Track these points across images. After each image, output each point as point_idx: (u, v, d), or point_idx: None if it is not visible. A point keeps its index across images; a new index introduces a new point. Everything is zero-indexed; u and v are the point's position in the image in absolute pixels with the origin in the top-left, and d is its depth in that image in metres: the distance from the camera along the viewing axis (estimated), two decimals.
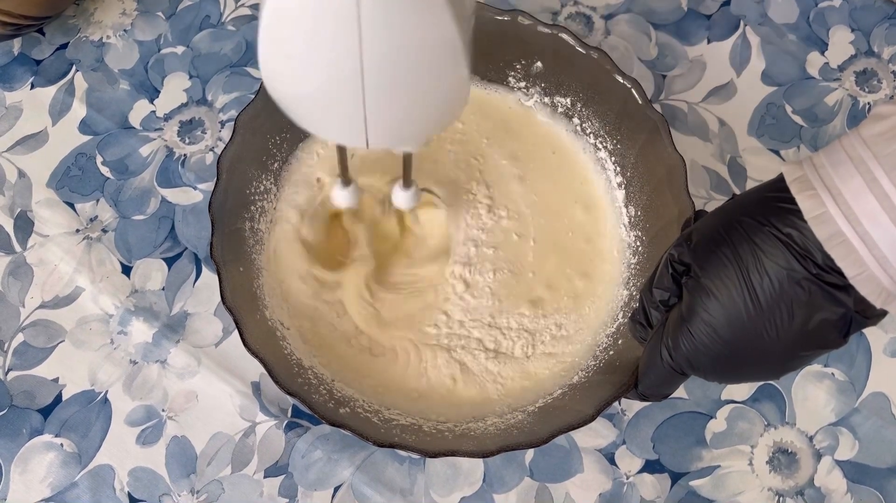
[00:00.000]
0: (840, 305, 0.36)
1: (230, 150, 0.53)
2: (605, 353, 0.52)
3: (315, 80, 0.34)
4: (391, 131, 0.38)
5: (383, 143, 0.38)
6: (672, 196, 0.52)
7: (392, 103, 0.35)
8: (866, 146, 0.34)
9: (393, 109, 0.36)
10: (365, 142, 0.37)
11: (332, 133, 0.39)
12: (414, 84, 0.34)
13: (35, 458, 0.52)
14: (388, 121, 0.36)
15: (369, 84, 0.33)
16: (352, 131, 0.37)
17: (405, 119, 0.37)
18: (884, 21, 0.65)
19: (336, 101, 0.35)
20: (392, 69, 0.33)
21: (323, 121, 0.38)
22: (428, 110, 0.37)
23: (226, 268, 0.50)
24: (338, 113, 0.36)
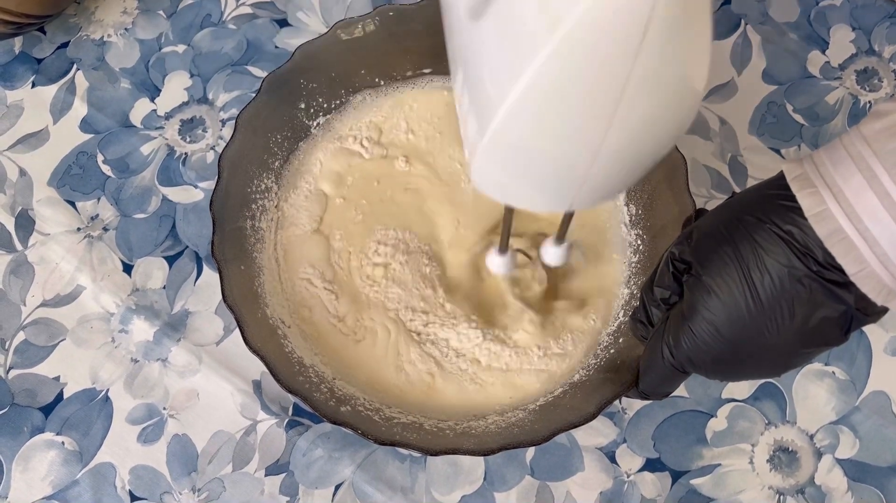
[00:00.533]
0: (841, 303, 0.36)
1: (231, 149, 0.53)
2: (606, 352, 0.52)
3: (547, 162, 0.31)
4: (597, 196, 0.34)
5: (589, 205, 0.35)
6: (673, 195, 0.52)
7: (615, 174, 0.32)
8: (867, 143, 0.34)
9: (612, 178, 0.33)
10: (568, 207, 0.34)
11: (535, 204, 0.35)
12: (644, 153, 0.31)
13: (36, 456, 0.53)
14: (601, 189, 0.33)
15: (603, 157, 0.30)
16: (558, 200, 0.34)
17: (618, 184, 0.34)
18: (884, 20, 0.65)
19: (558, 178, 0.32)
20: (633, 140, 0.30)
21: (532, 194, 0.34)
22: (641, 173, 0.34)
23: (227, 267, 0.50)
24: (553, 187, 0.33)
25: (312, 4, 0.66)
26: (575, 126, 0.28)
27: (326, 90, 0.58)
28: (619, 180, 0.33)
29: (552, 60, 0.26)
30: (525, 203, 0.36)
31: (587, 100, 0.27)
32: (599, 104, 0.27)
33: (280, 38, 0.65)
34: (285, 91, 0.56)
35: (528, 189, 0.34)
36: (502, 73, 0.27)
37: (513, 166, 0.32)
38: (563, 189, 0.33)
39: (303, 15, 0.66)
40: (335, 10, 0.66)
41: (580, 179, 0.31)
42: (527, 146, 0.30)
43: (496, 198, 0.36)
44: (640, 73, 0.26)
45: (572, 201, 0.34)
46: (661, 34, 0.25)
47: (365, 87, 0.59)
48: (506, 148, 0.30)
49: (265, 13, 0.66)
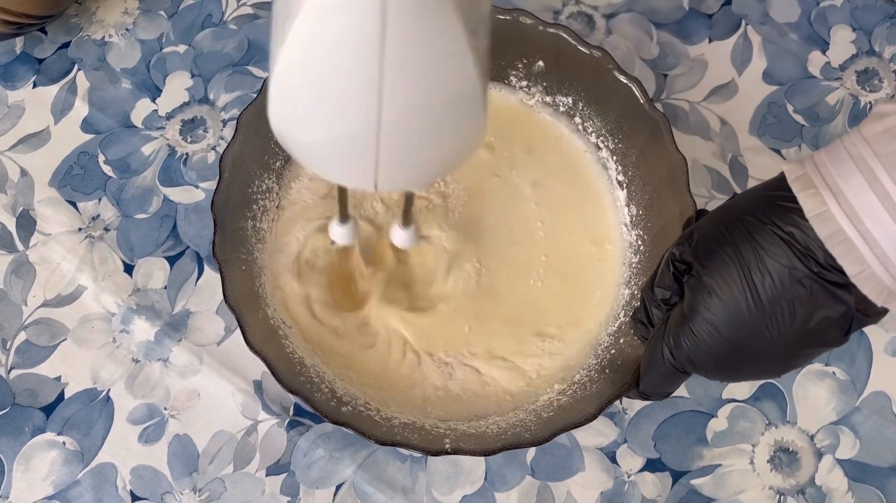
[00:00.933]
0: (841, 303, 0.36)
1: (232, 149, 0.53)
2: (607, 352, 0.52)
3: (330, 127, 0.33)
4: (403, 176, 0.36)
5: (393, 186, 0.37)
6: (673, 195, 0.52)
7: (408, 150, 0.34)
8: (867, 144, 0.34)
9: (408, 155, 0.35)
10: (374, 185, 0.36)
11: (340, 177, 0.37)
12: (432, 130, 0.33)
13: (37, 457, 0.53)
14: (401, 166, 0.35)
15: (385, 131, 0.32)
16: (361, 175, 0.35)
17: (419, 164, 0.36)
18: (885, 20, 0.65)
19: (348, 149, 0.34)
20: (411, 119, 0.32)
21: (331, 165, 0.36)
22: (443, 155, 0.36)
23: (228, 267, 0.50)
24: (348, 159, 0.35)
25: None
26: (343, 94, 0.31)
27: None
28: (418, 163, 0.35)
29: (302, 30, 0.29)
30: (328, 171, 0.37)
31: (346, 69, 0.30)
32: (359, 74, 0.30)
33: None
34: None
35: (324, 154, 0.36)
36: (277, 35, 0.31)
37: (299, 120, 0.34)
38: (358, 161, 0.34)
39: None
40: None
41: (372, 151, 0.33)
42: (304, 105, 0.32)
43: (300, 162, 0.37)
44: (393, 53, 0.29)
45: (375, 179, 0.35)
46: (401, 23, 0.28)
47: None
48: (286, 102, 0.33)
49: (266, 13, 0.66)
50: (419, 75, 0.30)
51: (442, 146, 0.35)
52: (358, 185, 0.36)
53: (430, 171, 0.37)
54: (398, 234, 0.48)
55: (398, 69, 0.29)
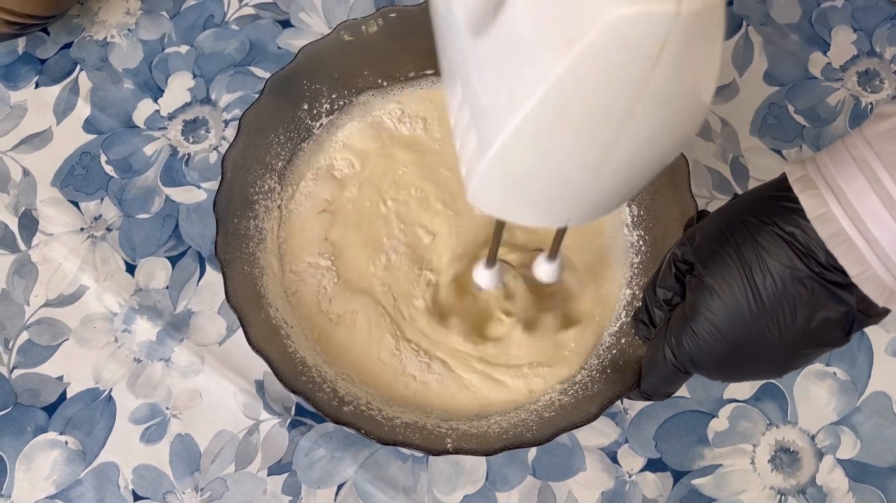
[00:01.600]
0: (842, 304, 0.36)
1: (234, 149, 0.53)
2: (608, 352, 0.52)
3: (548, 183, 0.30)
4: (596, 212, 0.34)
5: (585, 220, 0.34)
6: (675, 195, 0.52)
7: (615, 191, 0.32)
8: (869, 145, 0.34)
9: (612, 195, 0.32)
10: (566, 222, 0.34)
11: (534, 220, 0.35)
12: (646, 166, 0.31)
13: (40, 456, 0.53)
14: (600, 205, 0.33)
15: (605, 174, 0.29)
16: (556, 217, 0.33)
17: (618, 199, 0.33)
18: (886, 21, 0.65)
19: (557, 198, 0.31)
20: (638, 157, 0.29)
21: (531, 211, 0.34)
22: (641, 188, 0.33)
23: (230, 267, 0.50)
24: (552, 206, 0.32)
25: (315, 5, 0.66)
26: (581, 146, 0.28)
27: (329, 91, 0.58)
28: (620, 195, 0.33)
29: (562, 83, 0.25)
30: (522, 219, 0.35)
31: (595, 121, 0.26)
32: (607, 125, 0.27)
33: (283, 38, 0.65)
34: (288, 92, 0.56)
35: (527, 207, 0.33)
36: (507, 94, 0.27)
37: (512, 186, 0.31)
38: (562, 206, 0.32)
39: (305, 16, 0.66)
40: (338, 11, 0.66)
41: (580, 197, 0.31)
42: (529, 167, 0.29)
43: (493, 214, 0.35)
44: (652, 92, 0.25)
45: (570, 216, 0.33)
46: (677, 53, 0.24)
47: (368, 87, 0.59)
48: (507, 169, 0.30)
49: (268, 14, 0.66)
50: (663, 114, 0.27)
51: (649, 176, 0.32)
52: (550, 225, 0.34)
53: (626, 199, 0.35)
54: (543, 267, 0.47)
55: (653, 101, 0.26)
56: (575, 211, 0.32)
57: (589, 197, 0.31)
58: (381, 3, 0.66)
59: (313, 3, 0.66)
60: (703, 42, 0.25)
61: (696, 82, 0.27)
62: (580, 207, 0.32)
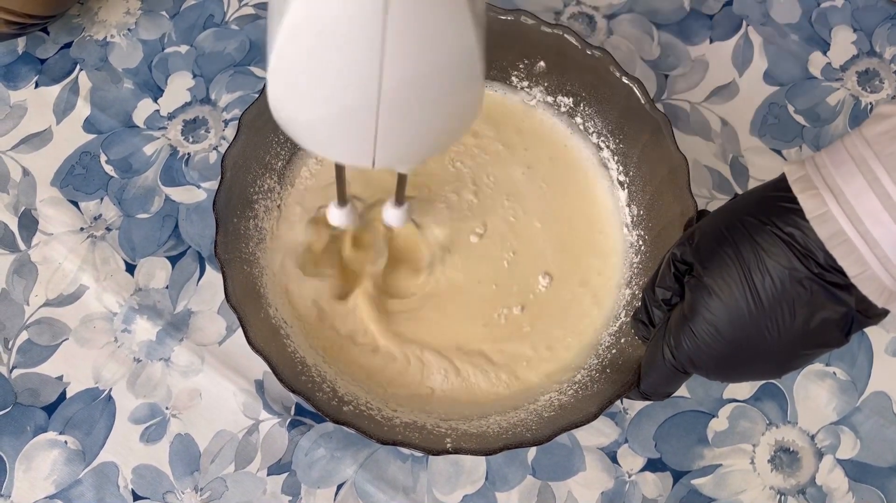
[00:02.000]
0: (842, 304, 0.36)
1: (234, 149, 0.53)
2: (608, 352, 0.52)
3: (328, 103, 0.33)
4: (400, 151, 0.36)
5: (390, 163, 0.37)
6: (674, 195, 0.52)
7: (406, 125, 0.34)
8: (868, 146, 0.34)
9: (406, 130, 0.35)
10: (371, 162, 0.36)
11: (338, 154, 0.37)
12: (431, 105, 0.33)
13: (39, 456, 0.53)
14: (399, 141, 0.35)
15: (385, 106, 0.32)
16: (359, 152, 0.35)
17: (417, 139, 0.36)
18: (886, 21, 0.65)
19: (348, 124, 0.34)
20: (410, 91, 0.32)
21: (330, 142, 0.36)
22: (441, 129, 0.36)
23: (229, 267, 0.50)
24: (347, 135, 0.35)
25: None
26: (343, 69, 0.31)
27: None
28: (416, 139, 0.35)
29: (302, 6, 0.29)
30: (326, 150, 0.37)
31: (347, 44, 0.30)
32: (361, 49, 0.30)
33: None
34: None
35: (322, 132, 0.36)
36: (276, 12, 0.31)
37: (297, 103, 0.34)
38: (357, 137, 0.34)
39: None
40: None
41: (371, 129, 0.33)
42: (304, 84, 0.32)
43: (298, 141, 0.37)
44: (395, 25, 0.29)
45: (374, 155, 0.35)
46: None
47: None
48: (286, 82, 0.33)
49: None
50: (420, 45, 0.30)
51: (439, 122, 0.35)
52: (356, 163, 0.36)
53: (427, 147, 0.37)
54: (390, 212, 0.49)
55: (399, 39, 0.29)
56: (375, 149, 0.35)
57: (381, 133, 0.34)
58: None
59: None
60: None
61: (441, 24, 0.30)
62: (379, 145, 0.34)
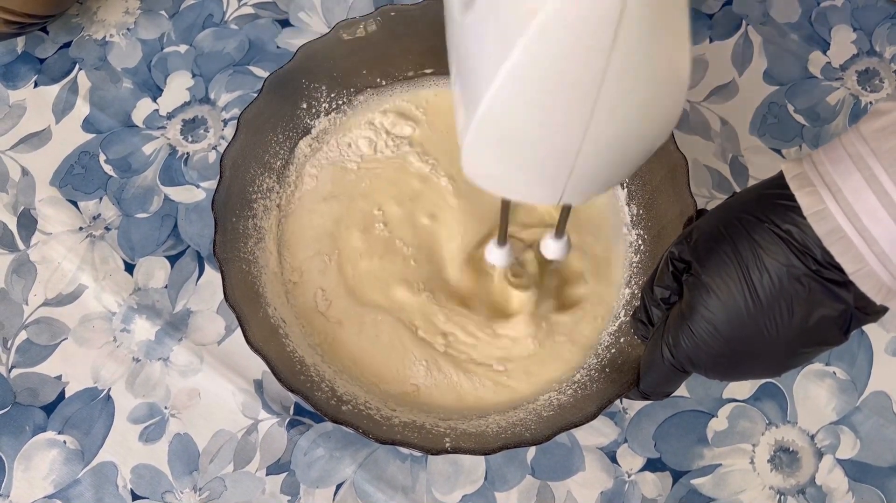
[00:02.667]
0: (840, 302, 0.36)
1: (233, 149, 0.53)
2: (607, 352, 0.52)
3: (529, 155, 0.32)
4: (591, 190, 0.35)
5: (576, 200, 0.35)
6: (674, 195, 0.52)
7: (603, 163, 0.33)
8: (865, 142, 0.34)
9: (602, 168, 0.33)
10: (557, 201, 0.35)
11: (526, 195, 0.36)
12: (633, 141, 0.32)
13: (38, 455, 0.53)
14: (592, 179, 0.34)
15: (584, 153, 0.31)
16: (549, 193, 0.34)
17: (608, 176, 0.34)
18: (885, 21, 0.65)
19: (545, 168, 0.33)
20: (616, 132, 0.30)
21: (521, 185, 0.35)
22: (633, 164, 0.34)
23: (228, 267, 0.50)
24: (542, 178, 0.33)
25: (314, 5, 0.66)
26: (557, 114, 0.29)
27: (328, 90, 0.58)
28: (609, 172, 0.34)
29: (528, 50, 0.26)
30: (516, 194, 0.36)
31: (566, 88, 0.28)
32: (579, 93, 0.28)
33: (282, 38, 0.65)
34: (287, 91, 0.56)
35: (518, 179, 0.34)
36: (486, 63, 0.28)
37: (499, 154, 0.32)
38: (552, 179, 0.33)
39: (304, 15, 0.66)
40: (337, 11, 0.66)
41: (568, 169, 0.32)
42: (511, 133, 0.31)
43: (487, 188, 0.36)
44: (618, 64, 0.27)
45: (563, 192, 0.34)
46: (634, 27, 0.26)
47: (367, 87, 0.59)
48: (491, 135, 0.31)
49: (267, 13, 0.66)
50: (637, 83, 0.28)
51: (634, 158, 0.33)
52: (542, 202, 0.35)
53: (615, 180, 0.36)
54: (550, 246, 0.48)
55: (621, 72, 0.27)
56: (567, 186, 0.33)
57: (577, 171, 0.32)
58: (381, 2, 0.66)
59: (312, 2, 0.66)
60: (662, 16, 0.26)
61: (662, 56, 0.28)
62: (572, 182, 0.33)
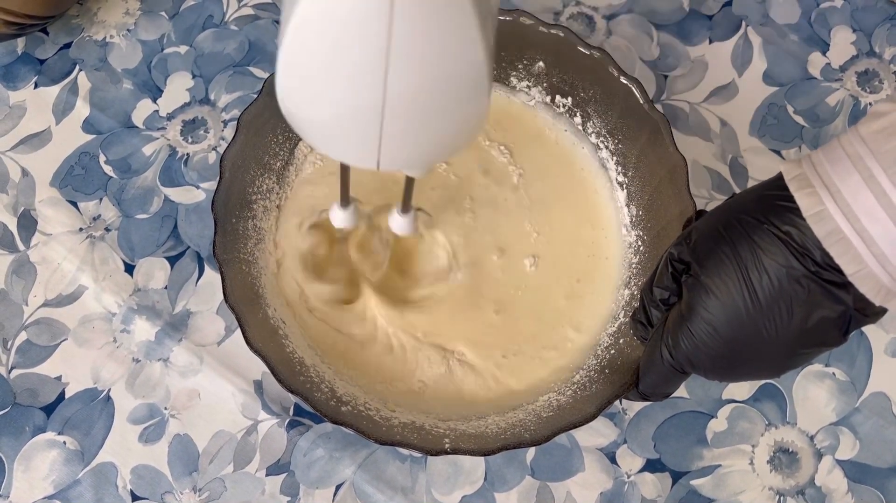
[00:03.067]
0: (839, 303, 0.36)
1: (233, 150, 0.53)
2: (607, 352, 0.52)
3: (334, 103, 0.33)
4: (406, 155, 0.36)
5: (395, 166, 0.36)
6: (673, 196, 0.52)
7: (411, 129, 0.34)
8: (864, 143, 0.34)
9: (411, 135, 0.35)
10: (376, 164, 0.36)
11: (342, 154, 0.37)
12: (436, 112, 0.33)
13: (38, 456, 0.53)
14: (403, 145, 0.35)
15: (390, 110, 0.32)
16: (364, 153, 0.35)
17: (422, 144, 0.36)
18: (885, 22, 0.65)
19: (353, 125, 0.34)
20: (415, 97, 0.32)
21: (335, 142, 0.36)
22: (446, 136, 0.36)
23: (228, 267, 0.50)
24: (352, 135, 0.35)
25: None
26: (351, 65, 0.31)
27: None
28: (422, 142, 0.35)
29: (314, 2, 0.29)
30: (331, 150, 0.37)
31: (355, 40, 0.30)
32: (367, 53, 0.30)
33: None
34: None
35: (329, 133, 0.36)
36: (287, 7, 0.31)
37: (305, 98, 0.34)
38: (362, 136, 0.34)
39: None
40: None
41: (377, 127, 0.33)
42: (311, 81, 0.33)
43: (306, 139, 0.37)
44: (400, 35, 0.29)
45: (379, 154, 0.35)
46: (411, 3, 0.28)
47: None
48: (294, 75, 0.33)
49: (267, 14, 0.66)
50: (426, 55, 0.30)
51: (444, 128, 0.35)
52: (361, 164, 0.36)
53: (432, 153, 0.37)
54: (397, 220, 0.49)
55: (405, 48, 0.30)
56: (380, 148, 0.35)
57: (387, 131, 0.33)
58: None
59: None
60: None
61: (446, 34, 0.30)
62: (385, 145, 0.34)
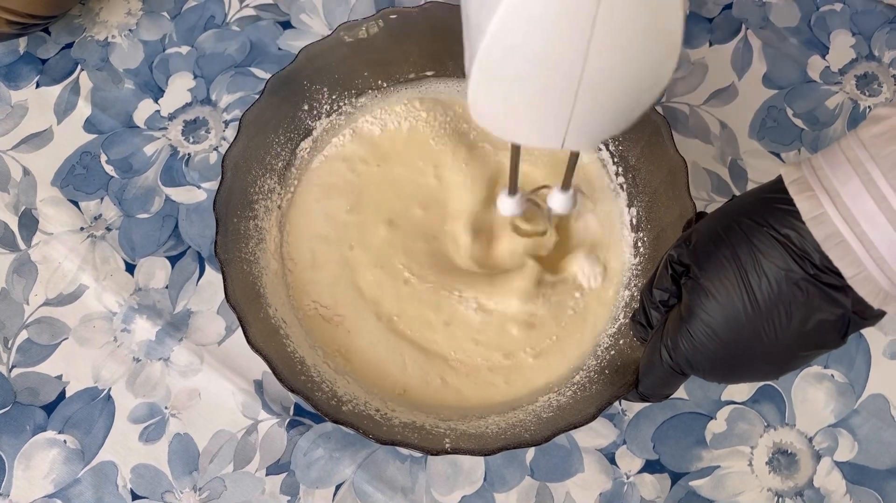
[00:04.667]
0: (838, 306, 0.36)
1: (234, 150, 0.53)
2: (607, 353, 0.52)
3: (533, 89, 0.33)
4: (593, 130, 0.36)
5: (579, 144, 0.37)
6: (673, 197, 0.52)
7: (601, 106, 0.34)
8: (864, 147, 0.34)
9: (599, 112, 0.34)
10: (561, 143, 0.36)
11: (529, 137, 0.37)
12: (629, 86, 0.33)
13: (38, 455, 0.53)
14: (592, 122, 0.35)
15: (585, 88, 0.32)
16: (551, 133, 0.35)
17: (609, 120, 0.35)
18: (884, 25, 0.65)
19: (546, 108, 0.34)
20: (612, 73, 0.32)
21: (524, 127, 0.36)
22: (631, 112, 0.35)
23: (229, 267, 0.50)
24: (543, 118, 0.35)
25: (316, 6, 0.67)
26: (552, 55, 0.31)
27: (329, 92, 0.58)
28: (607, 115, 0.35)
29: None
30: (522, 136, 0.37)
31: (559, 30, 0.30)
32: (572, 35, 0.30)
33: (283, 39, 0.65)
34: (288, 92, 0.56)
35: (521, 120, 0.35)
36: (484, 9, 0.30)
37: (501, 94, 0.34)
38: (554, 119, 0.34)
39: (306, 17, 0.66)
40: (338, 13, 0.66)
41: (569, 108, 0.33)
42: (510, 74, 0.32)
43: (494, 131, 0.37)
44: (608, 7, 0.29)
45: (566, 134, 0.35)
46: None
47: (368, 88, 0.59)
48: (492, 76, 0.33)
49: (269, 15, 0.66)
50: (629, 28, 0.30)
51: (632, 102, 0.34)
52: (545, 144, 0.36)
53: (618, 125, 0.36)
54: (556, 198, 0.48)
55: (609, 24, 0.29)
56: (568, 127, 0.34)
57: (577, 111, 0.33)
58: (382, 4, 0.66)
59: (314, 4, 0.67)
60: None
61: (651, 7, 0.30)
62: (573, 124, 0.34)
